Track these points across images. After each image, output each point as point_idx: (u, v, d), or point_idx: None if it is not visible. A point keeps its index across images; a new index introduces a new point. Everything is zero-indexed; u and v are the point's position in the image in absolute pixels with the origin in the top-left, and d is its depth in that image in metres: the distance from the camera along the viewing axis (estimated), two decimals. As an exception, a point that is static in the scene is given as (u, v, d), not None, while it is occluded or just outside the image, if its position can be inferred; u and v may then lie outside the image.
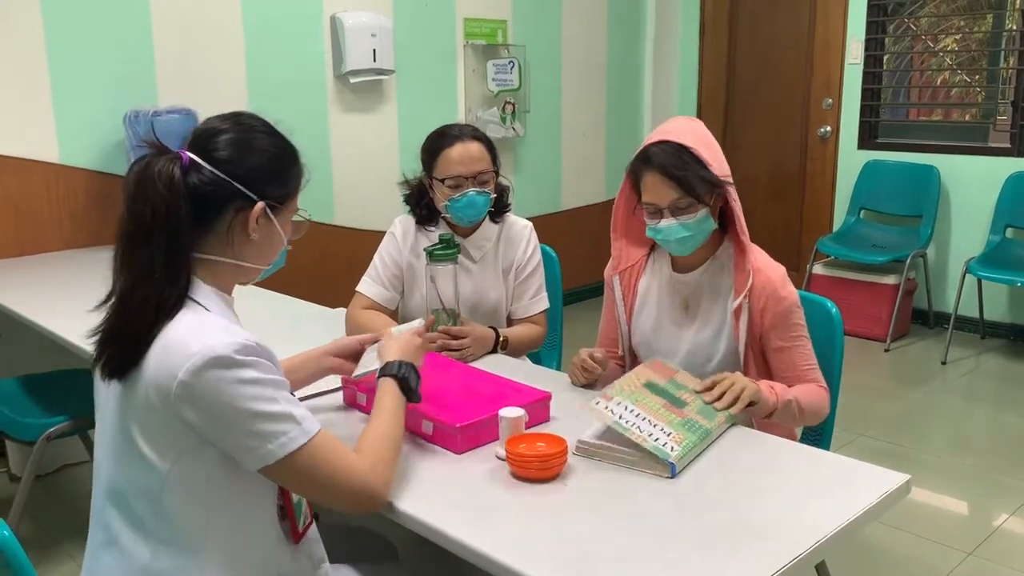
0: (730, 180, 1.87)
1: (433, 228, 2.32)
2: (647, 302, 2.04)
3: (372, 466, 1.32)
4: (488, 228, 2.34)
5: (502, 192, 2.34)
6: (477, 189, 2.22)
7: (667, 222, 1.85)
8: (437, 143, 2.25)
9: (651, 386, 1.67)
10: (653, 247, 2.04)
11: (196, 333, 1.22)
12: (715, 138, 1.90)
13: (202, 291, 1.30)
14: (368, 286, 2.31)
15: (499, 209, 2.35)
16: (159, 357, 1.21)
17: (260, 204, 1.31)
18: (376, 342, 1.70)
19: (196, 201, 1.26)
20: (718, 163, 1.86)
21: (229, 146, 1.30)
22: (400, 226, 2.36)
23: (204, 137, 1.31)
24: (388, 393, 1.48)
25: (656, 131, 1.89)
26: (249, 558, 1.31)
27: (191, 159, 1.28)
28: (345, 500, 1.31)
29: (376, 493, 1.32)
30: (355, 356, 1.75)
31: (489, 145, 2.28)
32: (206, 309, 1.27)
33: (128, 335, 1.24)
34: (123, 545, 1.28)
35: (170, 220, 1.24)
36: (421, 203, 2.31)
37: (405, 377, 1.51)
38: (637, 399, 1.60)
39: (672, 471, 1.44)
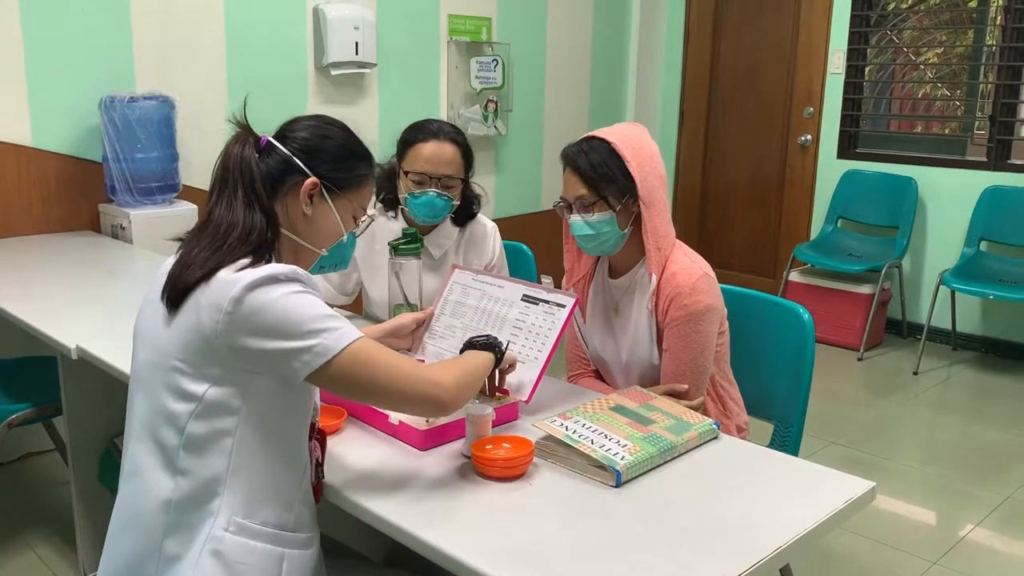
0: (650, 184, 1.81)
1: (393, 215, 2.30)
2: (594, 311, 2.02)
3: (438, 370, 1.36)
4: (449, 228, 2.30)
5: (471, 200, 2.30)
6: (439, 191, 2.17)
7: (574, 218, 1.84)
8: (412, 135, 2.21)
9: (619, 409, 1.63)
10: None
11: (248, 271, 1.27)
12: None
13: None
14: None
15: (464, 216, 2.31)
16: (214, 287, 1.25)
17: (312, 179, 1.40)
18: (429, 317, 1.90)
19: (267, 177, 1.38)
20: (641, 166, 1.80)
21: (303, 129, 1.44)
22: None
23: (285, 125, 1.46)
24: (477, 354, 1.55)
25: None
26: (272, 501, 1.30)
27: (268, 141, 1.41)
28: (408, 395, 1.30)
29: (438, 397, 1.33)
30: (408, 334, 1.87)
31: (465, 152, 2.22)
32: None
33: (200, 262, 1.28)
34: (145, 475, 1.30)
35: (247, 188, 1.35)
36: (387, 186, 2.29)
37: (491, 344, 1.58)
38: (598, 419, 1.57)
39: (617, 480, 1.40)
